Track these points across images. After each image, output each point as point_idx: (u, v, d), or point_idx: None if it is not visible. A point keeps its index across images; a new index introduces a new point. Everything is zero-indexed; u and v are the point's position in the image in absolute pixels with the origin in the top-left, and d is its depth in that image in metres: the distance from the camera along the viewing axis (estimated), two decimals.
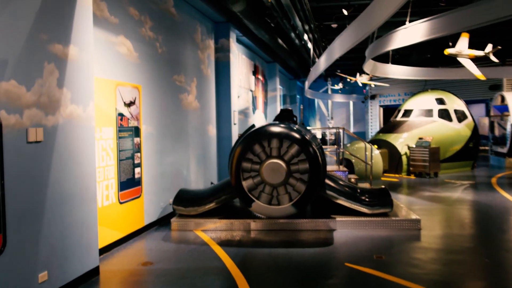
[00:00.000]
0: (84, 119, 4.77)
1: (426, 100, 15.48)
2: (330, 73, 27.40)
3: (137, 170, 6.79)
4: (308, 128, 11.67)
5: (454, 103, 15.44)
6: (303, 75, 24.54)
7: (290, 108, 9.05)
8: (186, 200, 7.46)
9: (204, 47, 10.21)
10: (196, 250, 6.02)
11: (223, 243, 6.33)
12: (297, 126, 6.74)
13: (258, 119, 16.61)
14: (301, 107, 29.53)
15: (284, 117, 9.11)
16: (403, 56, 20.22)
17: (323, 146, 24.34)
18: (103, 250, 5.83)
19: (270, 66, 18.89)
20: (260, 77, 16.98)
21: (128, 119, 6.54)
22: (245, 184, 6.27)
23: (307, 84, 19.98)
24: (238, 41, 13.30)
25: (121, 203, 6.30)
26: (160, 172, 7.64)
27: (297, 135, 6.12)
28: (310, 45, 16.18)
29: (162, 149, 7.76)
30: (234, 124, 11.41)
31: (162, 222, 7.60)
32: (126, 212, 6.43)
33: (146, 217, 7.09)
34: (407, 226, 7.11)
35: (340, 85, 28.74)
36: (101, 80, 5.87)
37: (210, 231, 7.05)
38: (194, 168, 9.37)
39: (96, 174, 5.64)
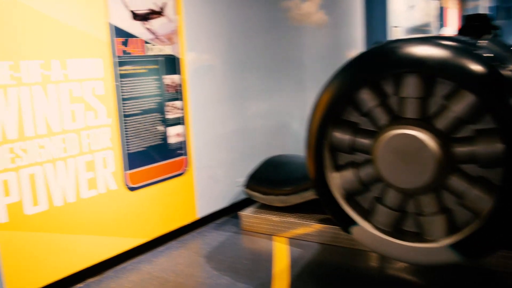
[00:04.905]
0: None
1: None
2: None
3: (173, 130, 3.96)
4: None
5: None
6: None
7: (484, 14, 4.85)
8: (269, 181, 4.38)
9: None
10: None
11: None
12: (483, 42, 2.81)
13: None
14: None
15: (473, 29, 4.96)
16: None
17: None
18: (82, 275, 3.33)
19: None
20: None
21: (145, 42, 3.65)
22: (338, 179, 2.81)
23: None
24: None
25: (132, 188, 3.63)
26: (237, 129, 4.68)
27: (475, 67, 2.34)
28: None
29: (242, 92, 4.73)
30: None
31: (239, 210, 4.74)
32: (145, 203, 3.76)
33: (200, 205, 4.32)
34: None
35: None
36: None
37: (300, 245, 3.92)
38: None
39: (59, 144, 3.01)
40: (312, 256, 3.68)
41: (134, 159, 3.62)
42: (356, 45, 6.99)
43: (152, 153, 3.78)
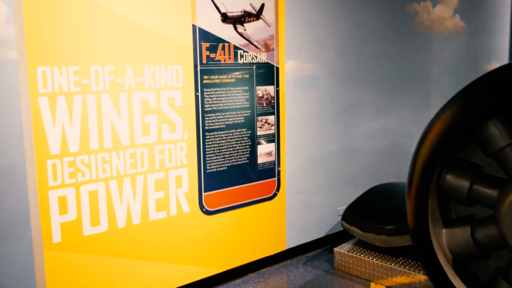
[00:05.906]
0: None
1: None
2: None
3: (264, 148, 3.48)
4: None
5: None
6: None
7: None
8: (371, 214, 3.66)
9: None
10: None
11: None
12: None
13: None
14: None
15: None
16: None
17: None
18: None
19: None
20: None
21: (236, 47, 3.22)
22: (445, 237, 2.04)
23: None
24: None
25: (208, 212, 3.22)
26: (340, 150, 4.04)
27: None
28: None
29: (349, 108, 4.08)
30: None
31: (335, 243, 4.08)
32: (223, 229, 3.33)
33: (290, 235, 3.77)
34: None
35: None
36: None
37: None
38: None
39: (127, 160, 2.72)
40: None
41: (213, 180, 3.21)
42: (499, 57, 5.83)
43: (235, 173, 3.34)
